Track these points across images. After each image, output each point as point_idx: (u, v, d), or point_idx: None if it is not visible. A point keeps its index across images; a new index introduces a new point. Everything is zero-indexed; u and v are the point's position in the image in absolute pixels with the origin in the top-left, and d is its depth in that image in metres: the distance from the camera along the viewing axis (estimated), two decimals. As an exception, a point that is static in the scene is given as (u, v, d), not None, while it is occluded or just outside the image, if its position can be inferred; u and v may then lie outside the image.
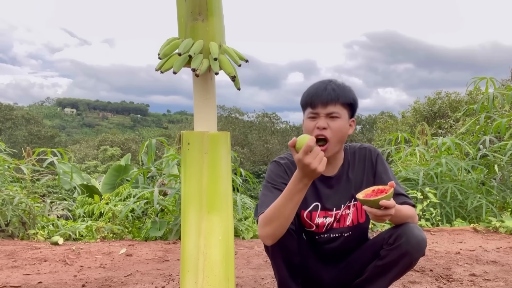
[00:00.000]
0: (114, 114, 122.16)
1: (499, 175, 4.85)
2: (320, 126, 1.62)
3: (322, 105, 1.62)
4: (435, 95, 17.50)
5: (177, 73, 1.36)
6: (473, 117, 6.08)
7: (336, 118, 1.63)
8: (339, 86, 1.67)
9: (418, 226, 1.64)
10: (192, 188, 1.41)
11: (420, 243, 1.59)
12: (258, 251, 3.13)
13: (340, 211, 1.73)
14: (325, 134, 1.62)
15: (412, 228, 1.60)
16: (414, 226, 1.62)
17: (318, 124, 1.62)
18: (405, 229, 1.60)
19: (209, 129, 1.43)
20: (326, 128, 1.62)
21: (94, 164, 24.58)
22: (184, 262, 1.40)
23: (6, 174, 4.40)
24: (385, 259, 1.63)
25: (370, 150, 1.79)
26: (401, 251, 1.59)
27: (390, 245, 1.62)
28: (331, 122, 1.62)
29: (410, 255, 1.60)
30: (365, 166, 1.76)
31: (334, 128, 1.62)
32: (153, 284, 2.30)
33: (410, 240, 1.58)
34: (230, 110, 31.38)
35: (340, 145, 1.69)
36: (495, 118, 5.13)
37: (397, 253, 1.60)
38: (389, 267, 1.64)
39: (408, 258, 1.61)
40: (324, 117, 1.63)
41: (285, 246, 1.63)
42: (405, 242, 1.58)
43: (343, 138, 1.67)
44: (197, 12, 1.40)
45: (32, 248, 3.23)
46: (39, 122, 40.45)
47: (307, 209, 1.72)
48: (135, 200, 4.05)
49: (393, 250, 1.60)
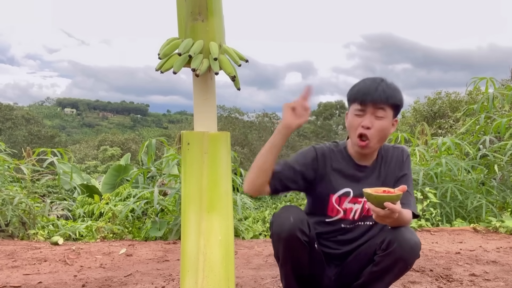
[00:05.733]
0: (114, 114, 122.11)
1: (499, 175, 4.85)
2: (365, 125, 1.65)
3: (372, 105, 1.64)
4: (435, 95, 17.48)
5: (177, 73, 1.36)
6: (473, 117, 6.08)
7: (382, 118, 1.65)
8: (390, 87, 1.67)
9: (410, 229, 1.64)
10: (192, 188, 1.41)
11: (413, 247, 1.59)
12: (258, 251, 3.13)
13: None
14: (368, 134, 1.65)
15: (403, 233, 1.60)
16: (406, 230, 1.61)
17: (364, 123, 1.65)
18: (397, 234, 1.60)
19: (209, 129, 1.43)
20: (370, 128, 1.65)
21: (94, 164, 24.54)
22: (184, 262, 1.40)
23: (6, 174, 4.40)
24: (380, 265, 1.63)
25: (403, 150, 1.83)
26: (395, 257, 1.59)
27: (383, 250, 1.61)
28: (375, 122, 1.65)
29: (405, 260, 1.60)
30: (396, 164, 1.80)
31: (378, 128, 1.65)
32: (153, 284, 2.30)
33: (403, 245, 1.58)
34: (230, 110, 31.36)
35: (380, 144, 1.72)
36: (495, 119, 5.13)
37: (391, 259, 1.60)
38: (385, 272, 1.64)
39: (403, 263, 1.61)
40: (370, 116, 1.65)
41: (296, 258, 1.65)
42: (398, 248, 1.58)
43: (385, 138, 1.70)
44: (197, 12, 1.40)
45: (32, 248, 3.23)
46: (39, 122, 40.43)
47: (335, 193, 1.74)
48: (135, 200, 4.05)
49: (387, 256, 1.60)
